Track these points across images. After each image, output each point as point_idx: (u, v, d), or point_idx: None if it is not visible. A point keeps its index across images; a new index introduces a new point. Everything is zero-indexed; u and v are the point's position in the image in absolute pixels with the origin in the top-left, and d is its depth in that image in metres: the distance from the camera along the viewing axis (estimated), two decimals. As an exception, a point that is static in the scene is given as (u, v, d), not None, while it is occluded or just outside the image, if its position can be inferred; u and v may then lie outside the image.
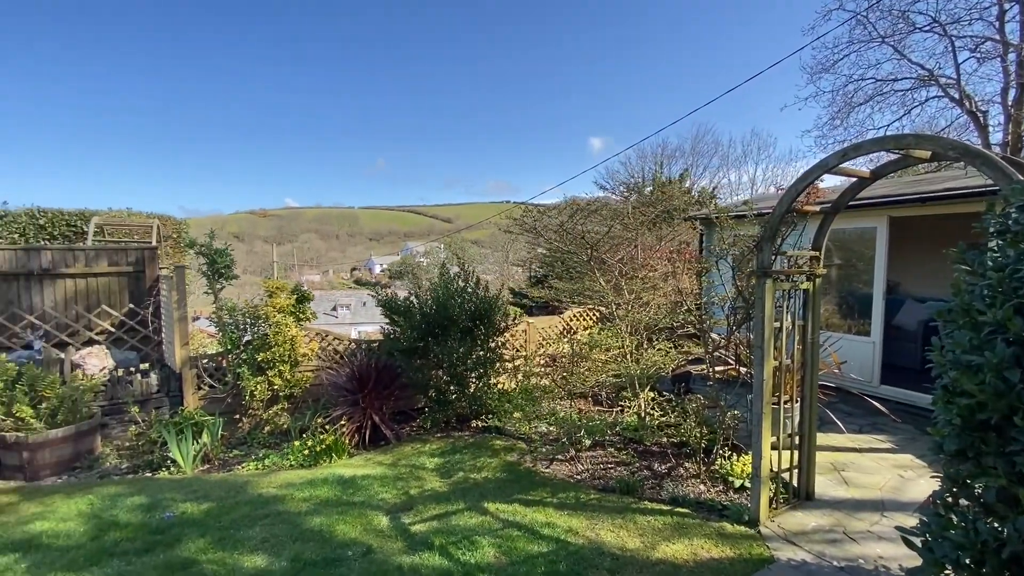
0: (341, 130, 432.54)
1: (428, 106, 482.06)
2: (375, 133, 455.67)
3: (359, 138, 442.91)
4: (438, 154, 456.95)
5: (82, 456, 4.92)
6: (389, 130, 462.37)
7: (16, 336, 5.66)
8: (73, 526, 3.73)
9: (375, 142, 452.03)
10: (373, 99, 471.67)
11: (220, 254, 5.36)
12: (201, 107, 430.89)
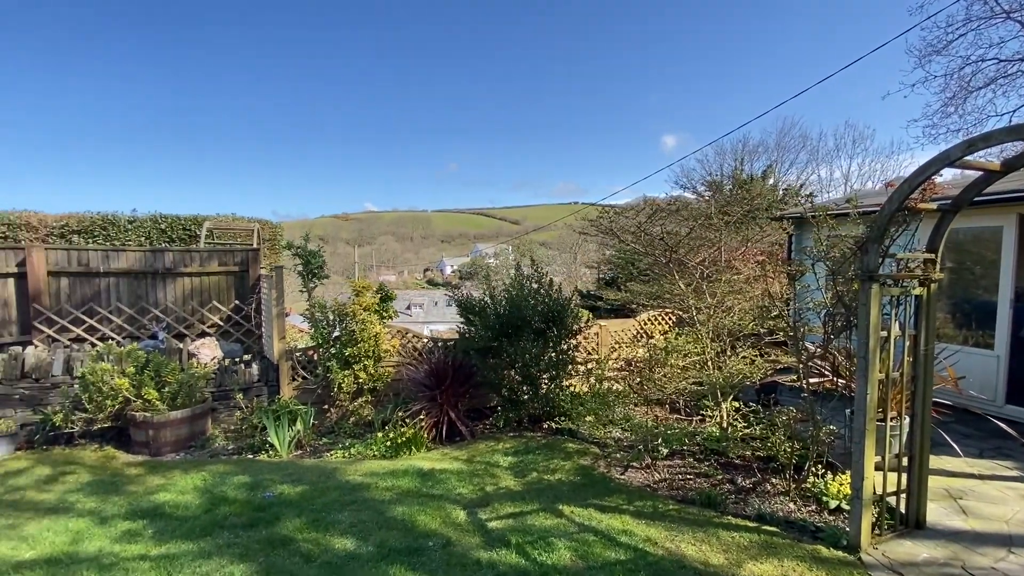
0: (416, 135, 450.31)
1: (498, 108, 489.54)
2: (449, 137, 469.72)
3: (434, 142, 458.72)
4: (508, 156, 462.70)
5: (196, 436, 5.50)
6: (462, 132, 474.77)
7: (144, 327, 6.43)
8: (190, 499, 4.17)
9: (449, 145, 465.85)
10: (446, 101, 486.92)
11: (313, 255, 5.79)
12: (294, 115, 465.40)
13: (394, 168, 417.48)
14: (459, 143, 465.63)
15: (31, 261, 5.91)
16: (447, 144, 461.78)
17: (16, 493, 4.28)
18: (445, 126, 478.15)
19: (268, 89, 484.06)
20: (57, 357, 5.51)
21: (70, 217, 10.36)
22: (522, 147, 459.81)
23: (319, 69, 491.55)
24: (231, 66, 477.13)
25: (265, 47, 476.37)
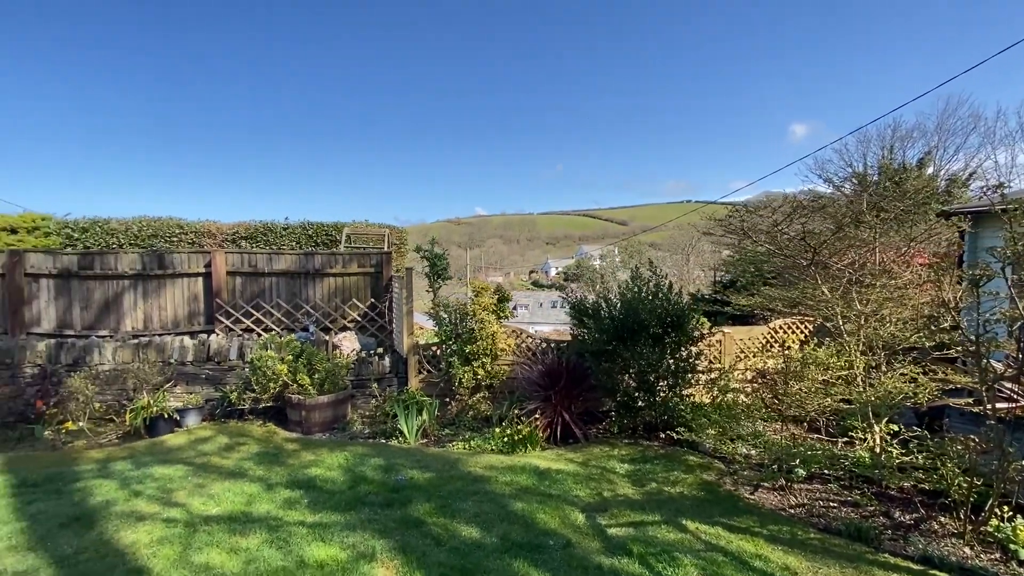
0: (525, 136, 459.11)
1: (603, 107, 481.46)
2: (556, 139, 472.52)
3: (541, 146, 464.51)
4: (613, 155, 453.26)
5: (339, 419, 6.15)
6: (568, 131, 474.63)
7: (297, 321, 7.35)
8: (336, 475, 4.67)
9: (555, 147, 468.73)
10: (551, 99, 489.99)
11: (439, 258, 6.22)
12: (409, 121, 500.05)
13: (502, 172, 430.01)
14: (564, 144, 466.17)
15: (215, 263, 7.06)
16: (552, 145, 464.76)
17: (204, 457, 5.13)
18: (551, 125, 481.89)
19: (400, 100, 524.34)
20: (233, 344, 6.52)
21: (239, 225, 12.20)
22: (628, 145, 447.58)
23: (441, 80, 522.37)
24: (366, 81, 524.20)
25: (400, 56, 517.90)
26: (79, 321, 6.94)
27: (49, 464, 4.83)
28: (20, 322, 6.70)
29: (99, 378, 5.87)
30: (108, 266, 6.92)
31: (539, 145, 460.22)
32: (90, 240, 11.60)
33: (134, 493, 4.16)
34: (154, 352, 6.31)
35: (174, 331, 7.05)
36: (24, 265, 6.71)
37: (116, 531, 3.57)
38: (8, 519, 3.69)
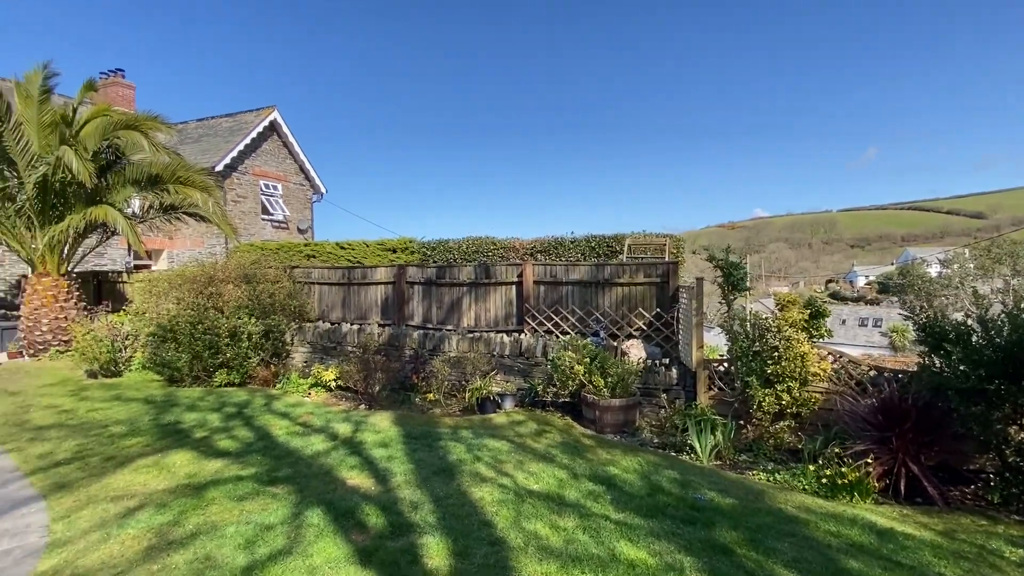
0: (818, 127, 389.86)
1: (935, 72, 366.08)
2: (863, 121, 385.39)
3: (841, 133, 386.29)
4: (957, 128, 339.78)
5: (627, 424, 6.37)
6: (881, 107, 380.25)
7: (588, 326, 7.96)
8: (632, 479, 4.83)
9: (863, 131, 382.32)
10: (855, 79, 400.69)
11: (735, 267, 5.80)
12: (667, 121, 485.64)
13: (789, 167, 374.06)
14: (879, 123, 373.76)
15: (525, 273, 8.28)
16: (861, 128, 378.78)
17: (520, 438, 6.02)
18: (857, 105, 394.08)
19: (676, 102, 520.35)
20: (539, 343, 7.51)
21: (536, 241, 14.06)
22: (982, 111, 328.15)
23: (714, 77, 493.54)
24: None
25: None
26: (435, 318, 9.14)
27: (420, 423, 6.47)
28: (402, 317, 9.28)
29: (448, 362, 7.60)
30: (453, 277, 8.91)
31: (837, 131, 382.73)
32: (437, 256, 15.20)
33: (476, 458, 5.19)
34: (483, 345, 7.79)
35: (495, 329, 8.56)
36: (405, 276, 9.27)
37: (468, 486, 4.52)
38: (404, 461, 5.09)
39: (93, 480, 4.59)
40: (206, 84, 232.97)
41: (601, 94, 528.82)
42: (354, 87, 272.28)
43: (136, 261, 17.56)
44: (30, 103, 9.71)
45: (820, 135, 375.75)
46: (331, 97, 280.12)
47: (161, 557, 3.34)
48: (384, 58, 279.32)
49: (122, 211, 10.26)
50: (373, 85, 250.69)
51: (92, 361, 8.63)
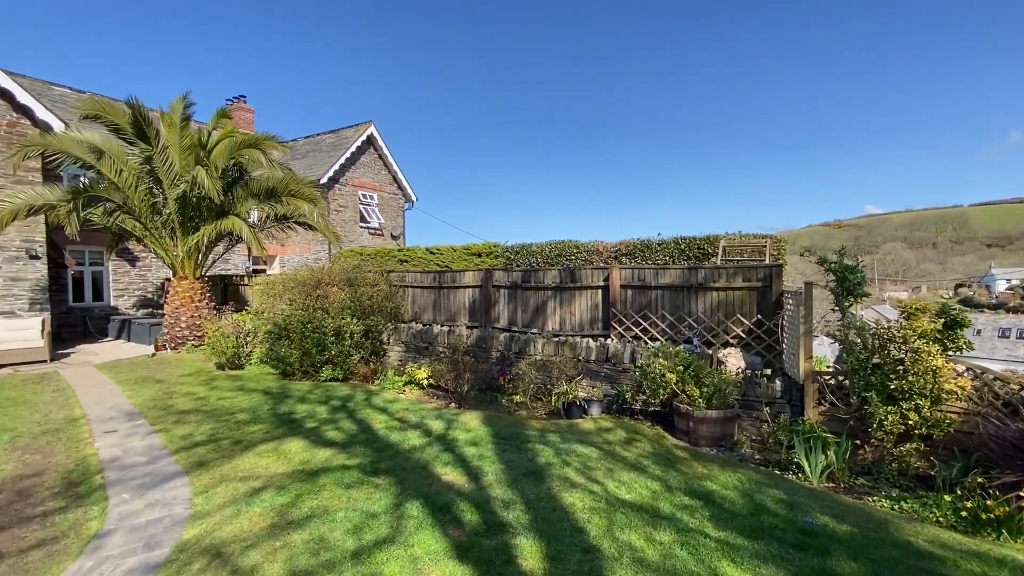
0: (945, 115, 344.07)
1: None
2: (1007, 104, 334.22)
3: (973, 121, 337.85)
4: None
5: (725, 437, 6.02)
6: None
7: (680, 333, 7.64)
8: (732, 496, 4.54)
9: (1000, 115, 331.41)
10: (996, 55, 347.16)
11: (851, 271, 5.24)
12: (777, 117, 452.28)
13: (907, 160, 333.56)
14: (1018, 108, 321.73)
15: (612, 277, 8.14)
16: (996, 112, 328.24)
17: (609, 445, 5.91)
18: (998, 89, 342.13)
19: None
20: (626, 349, 7.33)
21: (621, 244, 13.76)
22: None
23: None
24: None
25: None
26: (520, 321, 9.25)
27: (508, 424, 6.57)
28: (489, 319, 9.50)
29: (534, 365, 7.65)
30: (538, 280, 8.97)
31: (969, 118, 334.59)
32: (520, 260, 15.40)
33: (564, 463, 5.17)
34: (568, 349, 7.76)
35: (580, 333, 8.49)
36: (492, 279, 9.49)
37: (558, 490, 4.51)
38: (494, 461, 5.19)
39: (225, 461, 5.17)
40: (309, 102, 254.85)
41: (678, 97, 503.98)
42: (440, 95, 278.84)
43: (254, 266, 19.60)
44: (173, 129, 11.21)
45: (946, 124, 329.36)
46: (419, 107, 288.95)
47: (282, 535, 3.69)
48: (466, 65, 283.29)
49: (246, 221, 11.51)
50: (456, 92, 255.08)
51: (220, 355, 9.74)
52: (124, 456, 5.34)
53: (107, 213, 11.49)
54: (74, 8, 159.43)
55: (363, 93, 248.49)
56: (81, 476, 4.84)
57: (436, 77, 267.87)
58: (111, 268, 15.68)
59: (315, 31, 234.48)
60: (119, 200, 11.19)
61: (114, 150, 10.92)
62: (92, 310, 15.25)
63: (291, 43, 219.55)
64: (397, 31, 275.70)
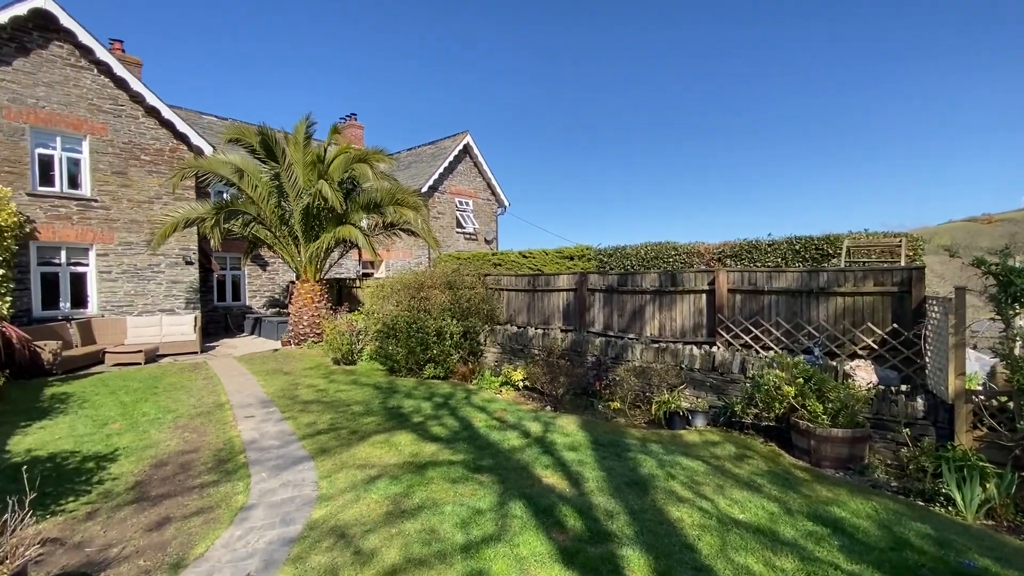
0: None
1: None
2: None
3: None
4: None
5: (854, 459, 5.40)
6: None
7: (797, 342, 7.00)
8: (866, 525, 4.06)
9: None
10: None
11: (1018, 274, 4.43)
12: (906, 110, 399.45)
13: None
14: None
15: (718, 281, 7.68)
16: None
17: (717, 460, 5.56)
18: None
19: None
20: (735, 358, 6.86)
21: (724, 245, 12.93)
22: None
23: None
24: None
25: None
26: (616, 325, 9.05)
27: (606, 431, 6.44)
28: (583, 323, 9.41)
29: (633, 371, 7.43)
30: (636, 284, 8.72)
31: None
32: (613, 263, 15.10)
33: (669, 475, 4.96)
34: (670, 356, 7.44)
35: (681, 340, 8.11)
36: (587, 283, 9.40)
37: (664, 503, 4.33)
38: (594, 467, 5.12)
39: (343, 449, 5.63)
40: (411, 115, 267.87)
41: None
42: (531, 99, 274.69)
43: (363, 270, 21.19)
44: (297, 148, 12.49)
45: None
46: (511, 113, 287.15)
47: (397, 523, 3.93)
48: (554, 69, 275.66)
49: (360, 228, 12.50)
50: (546, 95, 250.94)
51: (336, 351, 10.65)
52: (261, 439, 6.02)
53: (244, 224, 13.08)
54: (211, 40, 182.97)
55: (460, 102, 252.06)
56: (228, 455, 5.54)
57: (528, 82, 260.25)
58: (246, 272, 17.82)
59: (417, 48, 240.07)
60: (254, 212, 12.70)
61: (251, 169, 12.42)
62: (231, 309, 17.44)
63: (396, 60, 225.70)
64: (491, 39, 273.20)
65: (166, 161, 13.44)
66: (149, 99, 12.95)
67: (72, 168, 12.19)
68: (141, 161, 13.06)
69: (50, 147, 11.78)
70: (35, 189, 11.47)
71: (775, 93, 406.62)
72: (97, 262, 12.44)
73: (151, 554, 3.59)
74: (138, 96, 12.87)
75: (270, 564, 3.41)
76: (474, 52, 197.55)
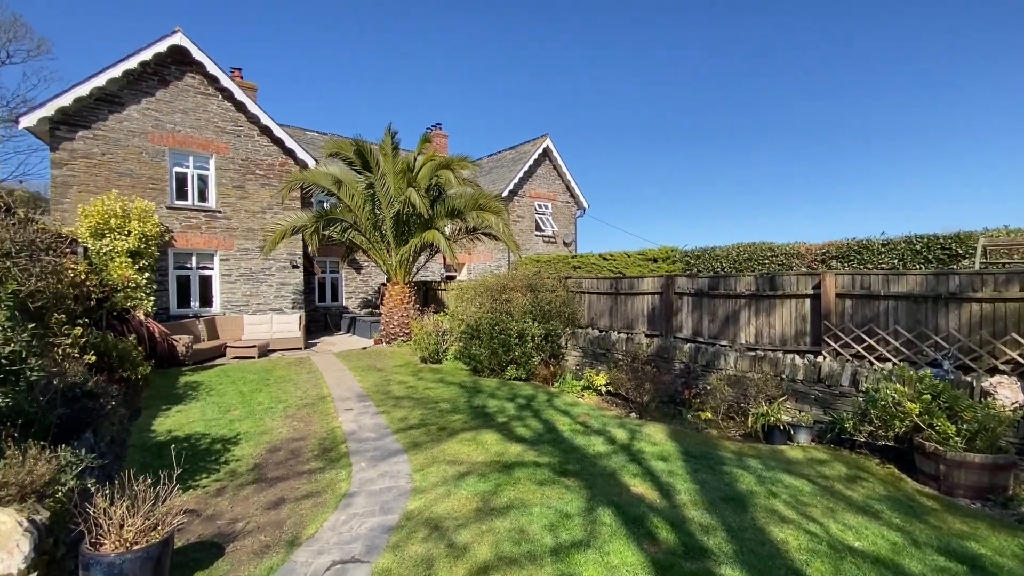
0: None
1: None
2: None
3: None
4: None
5: (994, 489, 4.72)
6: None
7: (920, 353, 6.24)
8: (1011, 566, 3.53)
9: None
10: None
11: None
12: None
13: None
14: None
15: (824, 284, 7.05)
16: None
17: (825, 480, 5.10)
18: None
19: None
20: (845, 369, 6.26)
21: (829, 245, 11.84)
22: None
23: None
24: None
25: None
26: (706, 331, 8.62)
27: (697, 442, 6.15)
28: (670, 328, 9.07)
29: (726, 380, 7.03)
30: (729, 288, 8.25)
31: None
32: (701, 265, 14.40)
33: (770, 493, 4.63)
34: (768, 365, 6.95)
35: (781, 348, 7.54)
36: (674, 286, 9.05)
37: (765, 523, 4.05)
38: (686, 479, 4.91)
39: (433, 444, 5.86)
40: (493, 119, 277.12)
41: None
42: (611, 98, 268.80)
43: (447, 273, 21.98)
44: (387, 158, 13.24)
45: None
46: (590, 112, 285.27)
47: (487, 520, 4.02)
48: (634, 64, 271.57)
49: (443, 233, 13.00)
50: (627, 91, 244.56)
51: (423, 350, 11.13)
52: (359, 431, 6.44)
53: (342, 230, 14.09)
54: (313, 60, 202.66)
55: (538, 105, 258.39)
56: (331, 444, 5.98)
57: (606, 80, 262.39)
58: (343, 275, 19.17)
59: (499, 57, 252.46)
60: (350, 220, 13.64)
61: (348, 179, 13.36)
62: (330, 308, 18.85)
63: (479, 70, 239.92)
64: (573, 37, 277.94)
65: (276, 175, 14.83)
66: (263, 119, 14.38)
67: (201, 184, 13.84)
68: (256, 175, 14.53)
69: (184, 166, 13.47)
70: (172, 203, 13.17)
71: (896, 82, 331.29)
72: (220, 266, 14.01)
73: (270, 531, 3.96)
74: (254, 117, 14.34)
75: (372, 549, 3.63)
76: (553, 49, 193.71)
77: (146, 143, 12.72)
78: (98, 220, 10.93)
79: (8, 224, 5.49)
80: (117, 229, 11.13)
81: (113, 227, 11.08)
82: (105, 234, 11.06)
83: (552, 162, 24.07)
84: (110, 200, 11.23)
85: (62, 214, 11.63)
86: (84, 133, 11.95)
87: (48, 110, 11.34)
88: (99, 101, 12.12)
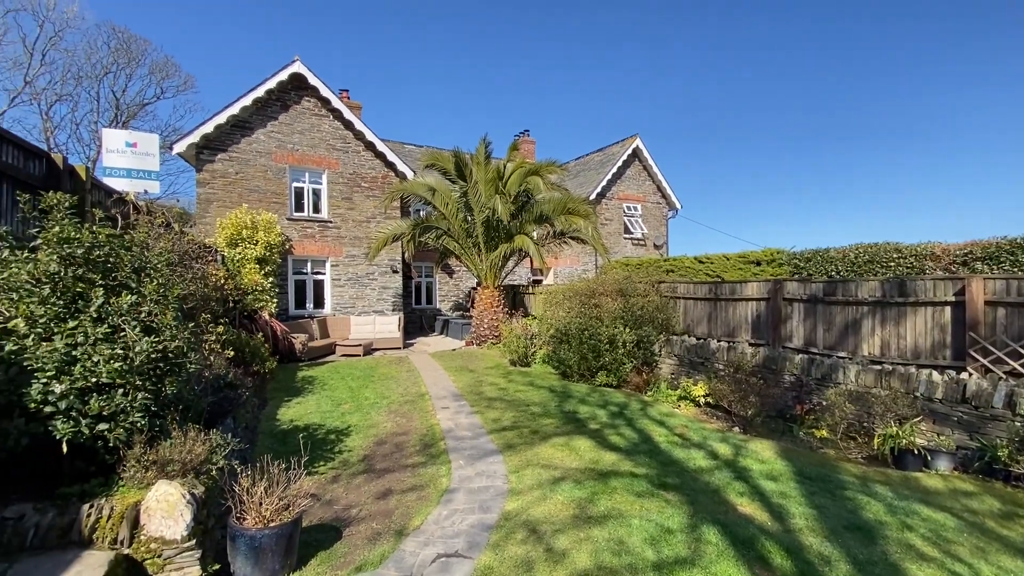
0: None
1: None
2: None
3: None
4: None
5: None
6: None
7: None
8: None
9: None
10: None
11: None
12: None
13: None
14: None
15: (969, 290, 6.15)
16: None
17: (973, 515, 4.45)
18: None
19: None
20: (998, 389, 5.41)
21: (973, 244, 10.27)
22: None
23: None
24: None
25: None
26: (821, 341, 7.88)
27: (812, 463, 5.64)
28: (778, 337, 8.40)
29: (846, 396, 6.37)
30: (848, 293, 7.48)
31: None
32: (812, 268, 13.17)
33: (904, 525, 4.12)
34: (897, 381, 6.19)
35: (913, 362, 6.69)
36: (783, 291, 8.38)
37: (899, 559, 3.62)
38: (801, 503, 4.52)
39: (526, 447, 5.94)
40: (582, 123, 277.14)
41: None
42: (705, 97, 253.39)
43: (534, 277, 22.19)
44: (479, 167, 13.66)
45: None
46: (681, 112, 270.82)
47: (584, 527, 3.99)
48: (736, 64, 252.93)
49: (532, 238, 13.15)
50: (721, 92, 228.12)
51: (512, 353, 11.32)
52: (456, 429, 6.70)
53: (436, 237, 14.77)
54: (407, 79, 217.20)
55: (628, 106, 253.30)
56: (431, 440, 6.28)
57: (698, 80, 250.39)
58: (437, 279, 20.08)
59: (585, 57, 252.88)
60: (444, 227, 14.26)
61: (443, 188, 13.99)
62: (425, 311, 19.83)
63: (568, 71, 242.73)
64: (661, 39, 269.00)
65: (379, 186, 15.93)
66: (367, 136, 15.52)
67: (315, 197, 15.24)
68: (361, 188, 15.70)
69: (301, 181, 14.92)
70: (291, 215, 14.63)
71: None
72: (331, 271, 15.31)
73: (380, 519, 4.25)
74: (360, 134, 15.53)
75: (473, 546, 3.76)
76: (643, 48, 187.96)
77: (270, 162, 14.27)
78: (232, 231, 12.45)
79: (170, 237, 6.43)
80: (247, 239, 12.60)
81: (244, 237, 12.56)
82: (238, 243, 12.57)
83: (642, 162, 23.39)
84: (242, 213, 12.76)
85: (204, 227, 13.40)
86: (222, 155, 13.69)
87: (194, 137, 13.14)
88: (234, 127, 13.81)
